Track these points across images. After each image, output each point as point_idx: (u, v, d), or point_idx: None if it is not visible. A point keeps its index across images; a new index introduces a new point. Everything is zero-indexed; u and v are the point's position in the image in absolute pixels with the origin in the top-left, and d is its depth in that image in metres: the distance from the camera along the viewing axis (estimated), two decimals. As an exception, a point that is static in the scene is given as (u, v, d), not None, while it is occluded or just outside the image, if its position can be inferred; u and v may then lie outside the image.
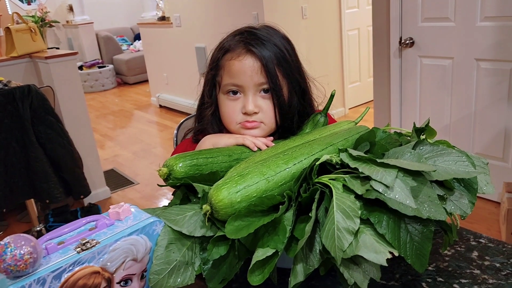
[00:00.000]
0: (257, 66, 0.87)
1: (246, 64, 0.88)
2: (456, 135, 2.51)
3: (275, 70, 0.88)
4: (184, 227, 0.63)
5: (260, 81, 0.88)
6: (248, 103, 0.88)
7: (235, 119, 0.90)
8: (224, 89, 0.91)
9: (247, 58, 0.88)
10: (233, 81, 0.89)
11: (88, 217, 0.62)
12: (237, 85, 0.89)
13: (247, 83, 0.88)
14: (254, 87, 0.89)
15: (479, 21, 2.24)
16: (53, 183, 2.31)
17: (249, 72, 0.87)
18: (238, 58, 0.88)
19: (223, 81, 0.91)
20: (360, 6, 4.26)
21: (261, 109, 0.89)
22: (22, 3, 7.79)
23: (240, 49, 0.89)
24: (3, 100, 2.19)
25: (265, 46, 0.88)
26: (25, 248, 0.50)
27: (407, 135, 0.78)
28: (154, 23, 5.09)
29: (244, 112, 0.89)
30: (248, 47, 0.88)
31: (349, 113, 4.39)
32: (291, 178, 0.66)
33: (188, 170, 0.74)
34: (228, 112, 0.91)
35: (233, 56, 0.89)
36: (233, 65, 0.89)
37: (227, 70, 0.90)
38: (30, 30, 2.93)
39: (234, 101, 0.90)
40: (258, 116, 0.90)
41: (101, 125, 5.04)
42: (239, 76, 0.88)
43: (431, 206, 0.56)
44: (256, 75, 0.87)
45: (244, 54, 0.88)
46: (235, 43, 0.91)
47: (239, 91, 0.90)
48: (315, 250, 0.59)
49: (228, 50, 0.91)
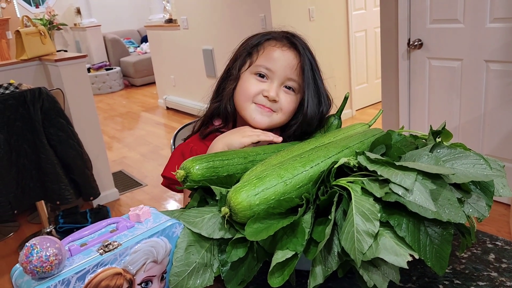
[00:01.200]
0: (295, 63, 0.93)
1: (286, 56, 0.93)
2: (466, 137, 2.50)
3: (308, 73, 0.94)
4: (203, 229, 0.64)
5: (290, 76, 0.93)
6: (273, 89, 0.93)
7: (252, 97, 0.94)
8: (254, 69, 0.95)
9: (290, 52, 0.94)
10: (268, 64, 0.93)
11: (109, 219, 0.63)
12: (270, 69, 0.93)
13: (279, 72, 0.93)
14: (282, 79, 0.93)
15: (488, 22, 2.23)
16: (64, 185, 2.33)
17: (285, 63, 0.93)
18: (282, 48, 0.94)
19: (257, 61, 0.95)
20: (367, 7, 4.26)
21: (280, 101, 0.94)
22: (30, 6, 7.86)
23: (285, 42, 0.95)
24: (15, 103, 2.21)
25: (305, 51, 0.96)
26: (50, 249, 0.51)
27: (423, 137, 0.78)
28: (161, 25, 5.11)
29: (266, 95, 0.93)
30: (294, 44, 0.95)
31: (356, 114, 4.38)
32: (308, 181, 0.67)
33: (204, 172, 0.74)
34: (250, 87, 0.94)
35: (277, 44, 0.95)
36: (274, 51, 0.94)
37: (266, 53, 0.94)
38: (40, 33, 2.96)
39: (259, 82, 0.94)
40: (275, 105, 0.94)
41: (109, 127, 5.07)
42: (276, 62, 0.93)
43: (451, 209, 0.56)
44: (290, 69, 0.93)
45: (288, 47, 0.95)
46: (280, 35, 0.97)
47: (267, 76, 0.94)
48: (334, 253, 0.60)
49: (273, 38, 0.96)
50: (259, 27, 3.59)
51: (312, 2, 3.75)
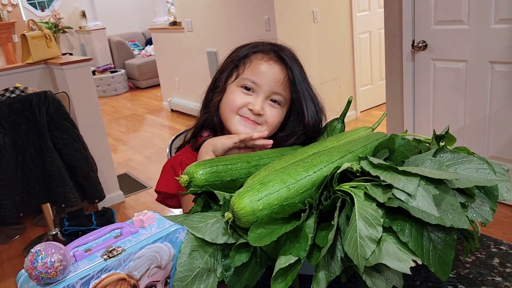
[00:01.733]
0: (281, 77, 0.93)
1: (273, 69, 0.93)
2: (470, 138, 2.49)
3: (301, 84, 0.94)
4: (207, 234, 0.64)
5: (276, 90, 0.93)
6: (258, 103, 0.93)
7: (237, 109, 0.94)
8: (240, 82, 0.95)
9: (276, 65, 0.94)
10: (254, 78, 0.93)
11: (113, 224, 0.63)
12: (256, 83, 0.93)
13: (265, 86, 0.93)
14: (268, 92, 0.93)
15: (493, 23, 2.23)
16: (69, 188, 2.35)
17: (271, 77, 0.93)
18: (269, 61, 0.94)
19: (243, 74, 0.95)
20: (371, 9, 4.25)
21: (265, 114, 0.94)
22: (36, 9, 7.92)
23: (272, 55, 0.95)
24: (21, 106, 2.23)
25: (292, 64, 0.95)
26: (55, 256, 0.51)
27: (426, 141, 0.78)
28: (166, 28, 5.13)
29: (250, 108, 0.93)
30: (281, 57, 0.95)
31: (361, 116, 4.38)
32: (311, 186, 0.67)
33: (208, 177, 0.75)
34: (235, 100, 0.94)
35: (264, 57, 0.95)
36: (261, 64, 0.94)
37: (252, 66, 0.94)
38: (45, 37, 2.98)
39: (245, 95, 0.94)
40: (259, 119, 0.94)
41: (114, 129, 5.09)
42: (262, 76, 0.93)
43: (454, 215, 0.56)
44: (276, 83, 0.93)
45: (275, 60, 0.94)
46: (268, 48, 0.96)
47: (253, 90, 0.94)
48: (337, 258, 0.60)
49: (261, 51, 0.96)
50: (263, 29, 3.60)
51: (316, 4, 3.75)
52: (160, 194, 0.99)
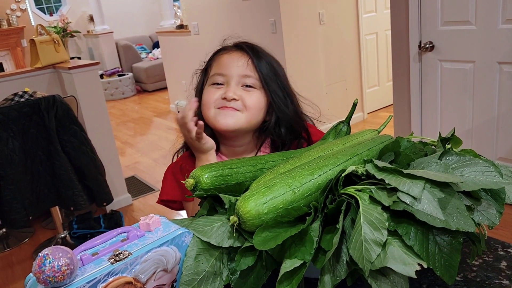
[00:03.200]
0: (245, 60, 0.96)
1: (234, 56, 0.96)
2: (479, 139, 2.47)
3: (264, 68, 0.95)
4: (212, 238, 0.64)
5: (244, 73, 0.95)
6: (229, 90, 0.94)
7: (212, 103, 0.95)
8: (210, 81, 0.98)
9: (236, 52, 0.97)
10: (219, 71, 0.96)
11: (119, 228, 0.64)
12: (222, 74, 0.95)
13: (232, 73, 0.94)
14: (238, 78, 0.95)
15: (500, 23, 2.21)
16: (78, 191, 2.37)
17: (235, 63, 0.95)
18: (228, 52, 0.98)
19: (211, 73, 0.98)
20: (377, 10, 4.24)
21: (242, 98, 0.94)
22: (44, 14, 8.00)
23: (231, 47, 0.99)
24: (29, 110, 2.25)
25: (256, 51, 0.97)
26: (62, 259, 0.52)
27: (432, 144, 0.77)
28: (173, 31, 5.16)
29: (223, 97, 0.93)
30: (240, 46, 0.99)
31: (368, 117, 4.36)
32: (316, 189, 0.67)
33: (214, 180, 0.75)
34: (208, 97, 0.95)
35: (224, 52, 0.99)
36: (222, 57, 0.98)
37: (216, 63, 0.98)
38: (54, 42, 3.02)
39: (216, 89, 0.96)
40: (237, 104, 0.93)
41: (122, 132, 5.12)
42: (226, 66, 0.95)
43: (459, 218, 0.56)
44: (241, 67, 0.95)
45: (234, 49, 0.98)
46: (229, 45, 1.01)
47: (223, 83, 0.96)
48: (342, 261, 0.60)
49: (222, 49, 1.01)
50: (269, 32, 3.60)
51: (322, 6, 3.75)
52: (163, 202, 1.01)
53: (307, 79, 3.69)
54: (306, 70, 3.69)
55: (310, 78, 3.72)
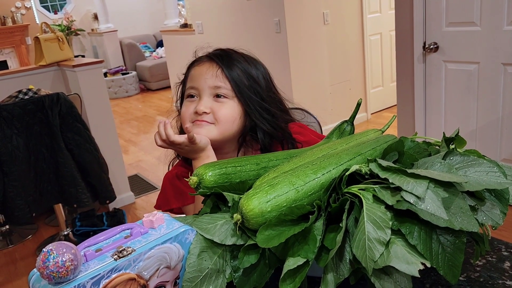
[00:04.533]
0: (215, 70, 0.95)
1: (204, 68, 0.97)
2: (483, 141, 2.46)
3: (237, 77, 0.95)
4: (216, 235, 0.64)
5: (215, 84, 0.95)
6: (201, 104, 0.95)
7: (188, 118, 0.97)
8: (186, 94, 0.99)
9: (206, 63, 0.98)
10: (191, 84, 0.98)
11: (123, 225, 0.64)
12: (194, 87, 0.97)
13: (202, 85, 0.95)
14: (209, 90, 0.95)
15: (506, 25, 2.20)
16: (81, 188, 2.37)
17: (204, 75, 0.96)
18: (199, 64, 0.99)
19: (186, 85, 1.00)
20: (382, 10, 4.23)
21: (214, 111, 0.95)
22: (49, 12, 8.03)
23: (204, 58, 1.00)
24: (34, 107, 2.26)
25: (229, 59, 0.96)
26: (66, 255, 0.52)
27: (436, 144, 0.77)
28: (177, 30, 5.17)
29: (195, 111, 0.95)
30: (209, 56, 0.99)
31: (372, 118, 4.35)
32: (320, 188, 0.67)
33: (217, 178, 0.75)
34: (184, 111, 0.98)
35: (196, 64, 1.00)
36: (194, 70, 0.99)
37: (190, 76, 1.00)
38: (58, 39, 3.03)
39: (190, 103, 0.97)
40: (209, 117, 0.95)
41: (125, 130, 5.13)
42: (197, 79, 0.97)
43: (463, 218, 0.56)
44: (211, 79, 0.95)
45: (205, 60, 0.99)
46: (203, 57, 1.01)
47: (196, 95, 0.97)
48: (345, 260, 0.60)
49: (195, 61, 1.01)
50: (273, 32, 3.60)
51: (327, 6, 3.74)
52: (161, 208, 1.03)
53: (311, 79, 3.69)
54: (310, 70, 3.69)
55: (314, 78, 3.71)
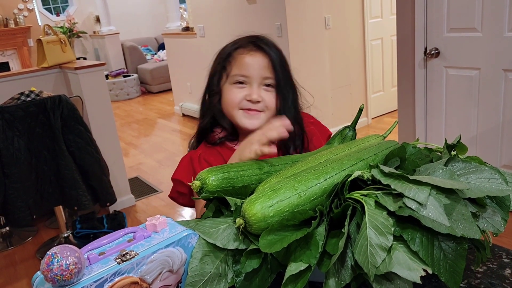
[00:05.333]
0: (265, 62, 1.01)
1: (256, 58, 1.01)
2: (483, 146, 2.47)
3: (280, 68, 1.01)
4: (218, 239, 0.65)
5: (265, 75, 1.01)
6: (254, 92, 1.00)
7: (237, 104, 1.01)
8: (232, 79, 1.02)
9: (257, 54, 1.01)
10: (241, 72, 1.00)
11: (126, 228, 0.64)
12: (245, 75, 1.00)
13: (254, 75, 1.00)
14: (260, 80, 1.01)
15: (507, 31, 2.21)
16: (82, 191, 2.38)
17: (257, 66, 1.00)
18: (249, 53, 1.01)
19: (232, 72, 1.02)
20: (383, 15, 4.25)
21: (263, 100, 1.01)
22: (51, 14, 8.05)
23: (251, 46, 1.02)
24: (35, 110, 2.27)
25: (270, 48, 1.02)
26: (70, 258, 0.52)
27: (438, 150, 0.78)
28: (178, 33, 5.18)
29: (248, 99, 1.00)
30: (259, 46, 1.02)
31: (372, 122, 4.36)
32: (322, 193, 0.67)
33: (220, 183, 0.75)
34: (232, 97, 1.01)
35: (244, 51, 1.02)
36: (244, 58, 1.01)
37: (237, 62, 1.01)
38: (60, 42, 3.04)
39: (240, 89, 1.01)
40: (260, 105, 1.01)
41: (126, 133, 5.14)
42: (249, 68, 1.00)
43: (465, 224, 0.56)
44: (263, 70, 1.00)
45: (255, 50, 1.01)
46: (246, 41, 1.04)
47: (245, 82, 1.01)
48: (347, 265, 0.60)
49: (240, 46, 1.03)
50: (275, 35, 3.61)
51: (328, 11, 3.76)
52: (175, 184, 1.04)
53: (312, 83, 3.69)
54: (311, 74, 3.70)
55: (315, 82, 3.72)
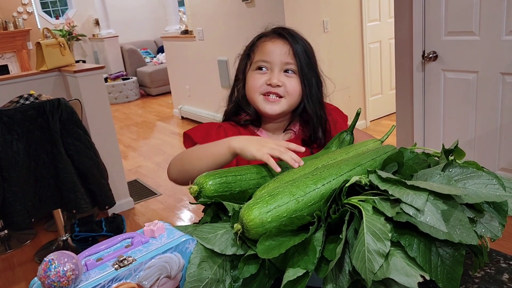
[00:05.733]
0: (286, 48, 1.03)
1: (277, 44, 1.04)
2: (481, 150, 2.47)
3: (303, 55, 1.04)
4: (216, 245, 0.65)
5: (286, 61, 1.03)
6: (274, 76, 1.03)
7: (258, 89, 1.04)
8: (254, 66, 1.06)
9: (278, 41, 1.04)
10: (263, 57, 1.04)
11: (124, 234, 0.64)
12: (266, 61, 1.04)
13: (275, 60, 1.03)
14: (281, 65, 1.03)
15: (504, 35, 2.22)
16: (80, 194, 2.37)
17: (278, 51, 1.03)
18: (271, 40, 1.05)
19: (254, 59, 1.06)
20: (381, 19, 4.26)
21: (284, 85, 1.03)
22: (50, 17, 8.06)
23: (273, 34, 1.06)
24: (34, 113, 2.27)
25: (294, 37, 1.05)
26: (67, 265, 0.52)
27: (435, 155, 0.78)
28: (177, 36, 5.19)
29: (268, 83, 1.03)
30: (281, 33, 1.06)
31: (371, 125, 4.36)
32: (320, 199, 0.67)
33: (217, 187, 0.76)
34: (253, 82, 1.05)
35: (266, 39, 1.06)
36: (266, 45, 1.05)
37: (260, 49, 1.06)
38: (60, 45, 3.04)
39: (261, 75, 1.04)
40: (280, 90, 1.03)
41: (125, 136, 5.13)
42: (269, 54, 1.03)
43: (462, 230, 0.56)
44: (284, 55, 1.03)
45: (276, 37, 1.05)
46: (270, 32, 1.08)
47: (267, 68, 1.04)
48: (345, 271, 0.60)
49: (264, 35, 1.08)
50: (274, 39, 3.61)
51: (327, 14, 3.77)
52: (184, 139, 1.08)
53: (310, 86, 3.69)
54: (310, 77, 3.70)
55: (313, 85, 3.72)
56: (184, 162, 1.00)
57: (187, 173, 0.97)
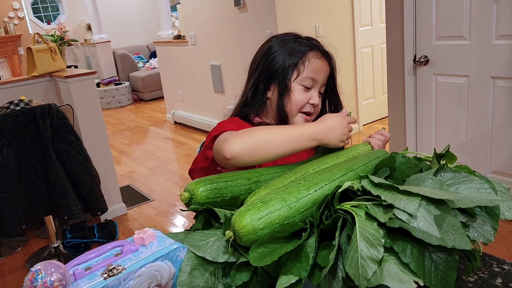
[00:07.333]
0: (328, 71, 1.08)
1: (325, 66, 1.08)
2: (473, 153, 2.48)
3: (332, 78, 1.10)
4: (207, 252, 0.64)
5: (324, 82, 1.08)
6: (316, 97, 1.06)
7: (303, 107, 1.06)
8: (302, 81, 1.05)
9: (325, 61, 1.08)
10: (313, 76, 1.05)
11: (113, 242, 0.63)
12: (315, 79, 1.06)
13: (320, 80, 1.07)
14: (321, 85, 1.08)
15: (494, 39, 2.24)
16: (72, 200, 2.35)
17: (325, 73, 1.07)
18: (321, 58, 1.07)
19: (304, 73, 1.05)
20: (373, 23, 4.28)
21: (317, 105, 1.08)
22: (42, 22, 8.01)
23: (320, 53, 1.08)
24: (25, 119, 2.24)
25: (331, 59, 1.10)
26: (55, 275, 0.51)
27: (427, 160, 0.78)
28: (170, 41, 5.18)
29: (311, 103, 1.06)
30: (326, 53, 1.09)
31: (363, 129, 4.38)
32: (312, 205, 0.67)
33: (209, 194, 0.75)
34: (301, 100, 1.05)
35: (317, 55, 1.07)
36: (317, 63, 1.06)
37: (311, 65, 1.05)
38: (51, 50, 3.02)
39: (306, 92, 1.06)
40: (315, 110, 1.08)
41: (118, 141, 5.10)
42: (319, 73, 1.06)
43: (455, 235, 0.56)
44: (325, 77, 1.08)
45: (324, 58, 1.08)
46: (315, 45, 1.09)
47: (311, 86, 1.07)
48: (338, 278, 0.60)
49: (312, 48, 1.07)
50: (266, 43, 3.62)
51: (319, 19, 3.78)
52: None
53: (303, 91, 3.70)
54: (303, 82, 3.71)
55: (306, 89, 3.73)
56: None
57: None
